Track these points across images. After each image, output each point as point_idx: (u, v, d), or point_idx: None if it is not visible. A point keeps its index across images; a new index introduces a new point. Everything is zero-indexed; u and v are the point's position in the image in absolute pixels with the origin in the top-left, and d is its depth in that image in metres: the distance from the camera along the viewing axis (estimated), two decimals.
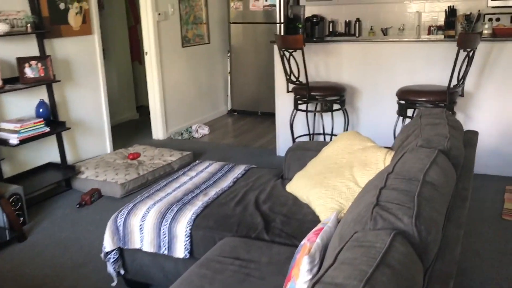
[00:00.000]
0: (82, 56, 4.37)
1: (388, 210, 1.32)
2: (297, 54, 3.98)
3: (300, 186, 2.58)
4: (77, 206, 3.71)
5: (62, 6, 4.06)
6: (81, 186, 4.03)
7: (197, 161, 3.28)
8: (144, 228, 2.44)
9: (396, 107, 3.86)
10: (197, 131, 5.78)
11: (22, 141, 3.51)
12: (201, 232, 2.35)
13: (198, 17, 6.08)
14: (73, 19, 4.18)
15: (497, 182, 3.93)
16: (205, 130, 5.84)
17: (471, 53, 3.52)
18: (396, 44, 4.17)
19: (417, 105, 3.67)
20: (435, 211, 1.37)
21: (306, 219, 2.36)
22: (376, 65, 4.27)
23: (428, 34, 6.00)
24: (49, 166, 4.07)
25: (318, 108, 4.27)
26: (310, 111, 4.21)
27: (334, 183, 2.41)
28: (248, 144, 5.33)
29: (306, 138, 4.56)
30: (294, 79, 4.05)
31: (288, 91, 4.20)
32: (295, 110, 4.20)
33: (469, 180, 1.86)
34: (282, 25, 6.19)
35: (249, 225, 2.33)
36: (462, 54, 3.51)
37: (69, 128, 3.99)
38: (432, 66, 4.04)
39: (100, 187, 3.93)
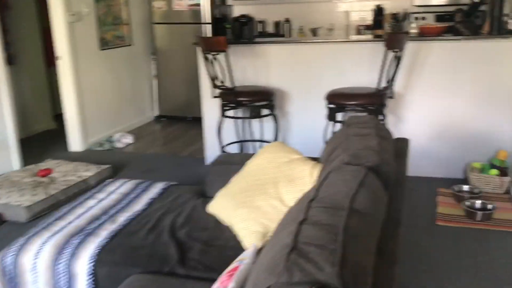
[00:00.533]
0: None
1: (306, 256, 1.06)
2: (223, 57, 3.70)
3: (222, 207, 2.30)
4: None
5: None
6: None
7: (107, 180, 2.92)
8: (37, 267, 2.07)
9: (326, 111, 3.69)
10: (120, 140, 5.36)
11: None
12: (106, 268, 2.02)
13: (117, 18, 5.66)
14: None
15: (430, 184, 3.86)
16: (128, 139, 5.43)
17: (399, 54, 3.39)
18: (324, 45, 4.00)
19: (346, 109, 3.51)
20: (363, 251, 1.13)
21: (228, 245, 2.09)
22: (305, 67, 4.08)
23: (357, 34, 5.93)
24: None
25: (247, 114, 4.02)
26: (238, 118, 3.94)
27: (258, 202, 2.16)
28: (176, 153, 5.00)
29: (236, 146, 4.29)
30: (219, 84, 3.78)
31: (214, 97, 3.92)
32: (222, 117, 3.92)
33: (402, 198, 1.66)
34: (209, 25, 5.89)
35: (162, 258, 2.02)
36: (390, 54, 3.38)
37: None
38: (361, 68, 3.90)
39: (3, 211, 3.46)
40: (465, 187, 3.58)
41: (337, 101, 3.50)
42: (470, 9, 4.06)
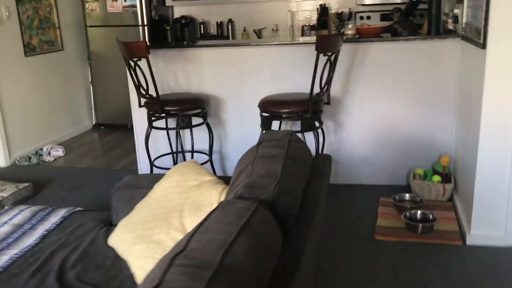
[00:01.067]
0: None
1: None
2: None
3: (121, 240, 2.01)
4: None
5: None
6: None
7: (6, 207, 2.57)
8: None
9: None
10: (49, 153, 4.97)
11: None
12: None
13: (45, 21, 5.25)
14: None
15: (373, 192, 3.67)
16: (59, 152, 5.04)
17: (332, 57, 3.17)
18: (258, 49, 3.75)
19: (280, 117, 3.27)
20: None
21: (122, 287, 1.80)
22: (239, 72, 3.82)
23: (302, 35, 5.72)
24: None
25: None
26: (166, 129, 3.64)
27: (159, 235, 1.87)
28: (109, 166, 4.65)
29: (168, 158, 3.99)
30: (143, 92, 3.47)
31: (140, 106, 3.60)
32: (149, 128, 3.61)
33: (306, 237, 1.41)
34: (145, 28, 5.55)
35: None
36: (323, 58, 3.15)
37: None
38: (297, 72, 3.66)
39: None
40: (407, 196, 3.40)
41: (270, 109, 3.25)
42: (408, 8, 3.89)
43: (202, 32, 6.12)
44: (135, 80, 3.44)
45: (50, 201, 3.82)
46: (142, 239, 1.88)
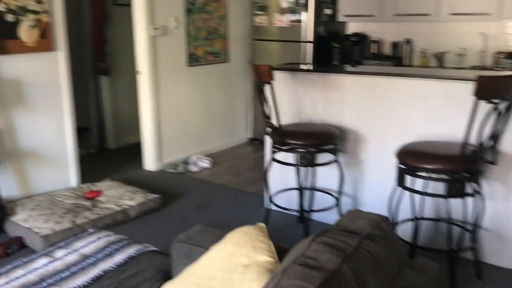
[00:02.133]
0: (40, 77, 3.78)
1: None
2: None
3: None
4: None
5: (10, 18, 3.49)
6: (11, 231, 3.41)
7: (90, 230, 2.48)
8: None
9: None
10: (196, 163, 5.00)
11: None
12: None
13: (213, 32, 5.30)
14: (26, 33, 3.60)
15: None
16: (205, 163, 5.03)
17: (503, 106, 2.34)
18: (412, 81, 3.05)
19: (419, 174, 2.56)
20: None
21: None
22: (386, 106, 3.18)
23: (494, 63, 4.68)
24: None
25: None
26: (286, 164, 3.21)
27: None
28: (244, 187, 4.44)
29: (294, 193, 3.56)
30: (267, 120, 3.11)
31: (265, 134, 3.26)
32: (270, 160, 3.24)
33: None
34: (310, 44, 5.20)
35: None
36: (486, 105, 2.34)
37: None
38: (459, 115, 2.86)
39: (25, 236, 3.28)
40: None
41: (408, 161, 2.57)
42: None
43: (374, 51, 5.51)
44: (263, 106, 3.10)
45: (173, 217, 3.76)
46: None
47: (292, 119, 3.62)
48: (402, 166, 2.63)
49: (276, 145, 3.09)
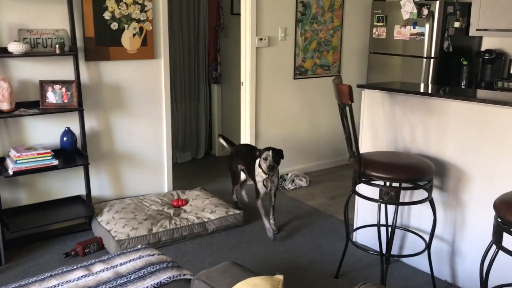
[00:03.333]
0: (140, 83, 3.90)
1: None
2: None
3: None
4: (64, 255, 3.23)
5: (114, 26, 3.65)
6: (95, 231, 3.56)
7: (139, 246, 2.41)
8: None
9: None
10: (293, 181, 4.77)
11: (17, 173, 3.20)
12: None
13: (326, 44, 5.03)
14: (129, 41, 3.73)
15: None
16: (302, 182, 4.78)
17: None
18: None
19: None
20: None
21: None
22: (498, 140, 2.62)
23: None
24: (77, 199, 3.72)
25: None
26: (366, 198, 2.81)
27: None
28: (335, 213, 4.09)
29: (373, 230, 3.14)
30: (349, 147, 2.77)
31: (348, 160, 2.92)
32: (352, 192, 2.89)
33: None
34: (432, 60, 4.64)
35: None
36: None
37: (86, 164, 3.52)
38: None
39: (104, 237, 3.38)
40: None
41: (506, 215, 2.04)
42: None
43: (510, 71, 4.72)
44: (344, 130, 2.77)
45: (250, 237, 3.60)
46: None
47: (387, 146, 3.21)
48: (500, 221, 2.10)
49: (357, 175, 2.73)
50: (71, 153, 3.53)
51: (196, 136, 5.71)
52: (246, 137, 4.73)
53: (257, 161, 3.52)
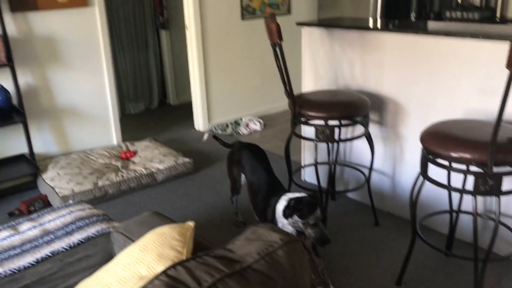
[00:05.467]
0: (75, 34, 3.71)
1: None
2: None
3: None
4: (8, 214, 3.18)
5: None
6: (41, 188, 3.49)
7: (70, 201, 2.37)
8: None
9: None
10: (247, 125, 4.74)
11: None
12: None
13: None
14: None
15: None
16: (256, 126, 4.75)
17: None
18: (466, 42, 2.44)
19: (441, 163, 2.04)
20: None
21: None
22: (433, 72, 2.60)
23: None
24: (21, 158, 3.62)
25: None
26: (303, 138, 2.79)
27: None
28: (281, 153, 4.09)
29: (324, 168, 3.16)
30: (287, 88, 2.72)
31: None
32: (291, 133, 2.87)
33: None
34: None
35: None
36: None
37: (24, 121, 3.40)
38: None
39: (49, 194, 3.33)
40: None
41: (431, 147, 2.06)
42: None
43: (460, 0, 4.67)
44: (280, 71, 2.71)
45: (202, 184, 3.58)
46: None
47: (329, 85, 3.18)
48: (425, 152, 2.12)
49: (294, 117, 2.70)
50: (6, 111, 3.40)
51: (148, 85, 5.57)
52: (196, 86, 4.63)
53: (279, 206, 2.24)
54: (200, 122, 4.74)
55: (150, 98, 5.59)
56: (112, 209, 3.23)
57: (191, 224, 1.50)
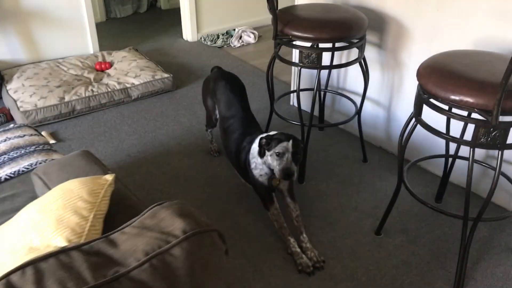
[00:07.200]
0: None
1: None
2: None
3: None
4: None
5: None
6: (5, 100, 3.20)
7: (12, 125, 2.08)
8: None
9: None
10: (240, 37, 4.31)
11: None
12: None
13: None
14: None
15: None
16: (250, 38, 4.32)
17: None
18: None
19: (436, 103, 1.69)
20: None
21: None
22: None
23: None
24: None
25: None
26: (287, 62, 2.41)
27: None
28: (278, 74, 3.72)
29: (309, 95, 2.82)
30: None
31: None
32: (274, 56, 2.49)
33: None
34: None
35: None
36: None
37: None
38: None
39: (11, 108, 3.05)
40: None
41: (428, 86, 1.69)
42: None
43: None
44: None
45: (178, 103, 3.27)
46: None
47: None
48: (420, 90, 1.76)
49: (277, 37, 2.30)
50: None
51: None
52: None
53: (254, 146, 2.10)
54: (188, 31, 4.31)
55: (139, 0, 5.11)
56: (78, 127, 2.96)
57: (109, 178, 1.22)
